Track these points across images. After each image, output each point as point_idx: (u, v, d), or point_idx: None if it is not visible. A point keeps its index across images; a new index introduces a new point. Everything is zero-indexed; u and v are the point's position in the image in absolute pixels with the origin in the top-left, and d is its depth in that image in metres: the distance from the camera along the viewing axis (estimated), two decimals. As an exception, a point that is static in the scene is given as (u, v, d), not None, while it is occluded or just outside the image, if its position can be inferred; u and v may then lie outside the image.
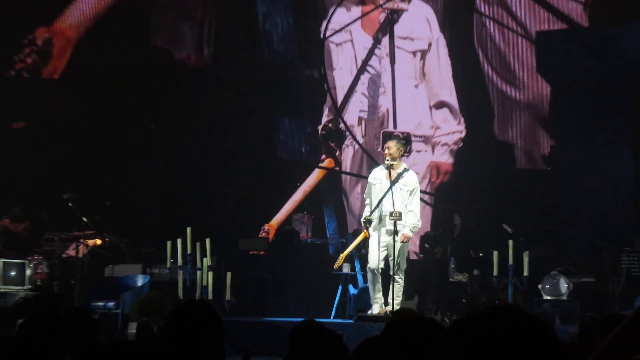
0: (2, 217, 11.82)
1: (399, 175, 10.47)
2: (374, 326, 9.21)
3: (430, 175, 14.04)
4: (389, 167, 10.43)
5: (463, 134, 14.22)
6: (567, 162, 13.82)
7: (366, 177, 11.18)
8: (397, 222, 10.17)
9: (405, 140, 11.81)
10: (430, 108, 14.22)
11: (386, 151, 10.69)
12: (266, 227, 13.61)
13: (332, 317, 11.14)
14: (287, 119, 14.53)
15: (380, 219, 10.39)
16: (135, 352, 3.39)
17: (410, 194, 10.49)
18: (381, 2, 14.04)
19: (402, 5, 13.94)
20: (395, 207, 10.24)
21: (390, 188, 10.36)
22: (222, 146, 14.12)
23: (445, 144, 14.12)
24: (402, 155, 10.86)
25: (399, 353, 2.64)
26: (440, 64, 14.28)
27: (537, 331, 1.65)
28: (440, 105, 14.21)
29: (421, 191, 11.49)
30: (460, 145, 14.18)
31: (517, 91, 14.59)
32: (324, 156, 14.11)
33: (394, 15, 13.87)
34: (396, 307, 9.94)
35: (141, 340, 4.89)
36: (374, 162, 12.97)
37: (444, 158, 14.09)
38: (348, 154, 14.14)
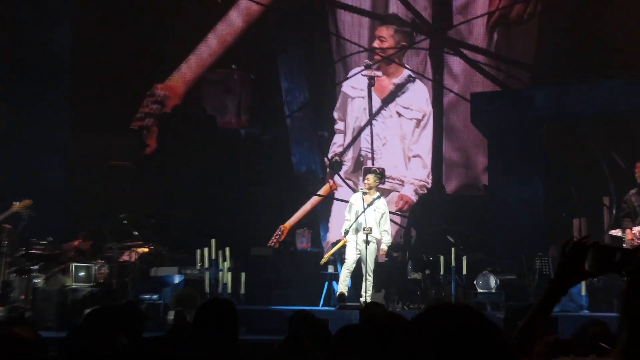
0: (74, 238, 11.78)
1: (373, 200, 10.62)
2: (351, 313, 9.27)
3: (396, 202, 14.09)
4: (364, 194, 10.60)
5: (429, 185, 14.39)
6: (495, 190, 13.88)
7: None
8: (368, 234, 10.31)
9: (381, 175, 11.89)
10: (409, 159, 14.34)
11: (365, 182, 10.90)
12: (282, 227, 13.68)
13: (320, 306, 11.14)
14: (302, 161, 14.65)
15: (357, 230, 10.51)
16: (171, 341, 3.43)
17: (382, 216, 10.68)
18: (361, 70, 14.17)
19: (377, 73, 14.05)
20: (367, 223, 10.39)
21: (365, 209, 10.48)
22: (240, 179, 14.13)
23: (413, 184, 14.23)
24: (377, 185, 10.98)
25: (373, 342, 2.66)
26: (427, 131, 14.43)
27: (481, 323, 1.62)
28: (417, 158, 14.35)
29: (390, 212, 11.64)
30: (425, 192, 14.32)
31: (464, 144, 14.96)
32: (331, 181, 14.17)
33: (372, 80, 13.95)
34: (368, 299, 10.00)
35: (177, 330, 4.88)
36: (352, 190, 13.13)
37: (410, 193, 14.17)
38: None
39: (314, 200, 14.13)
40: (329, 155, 14.32)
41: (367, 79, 13.95)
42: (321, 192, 14.16)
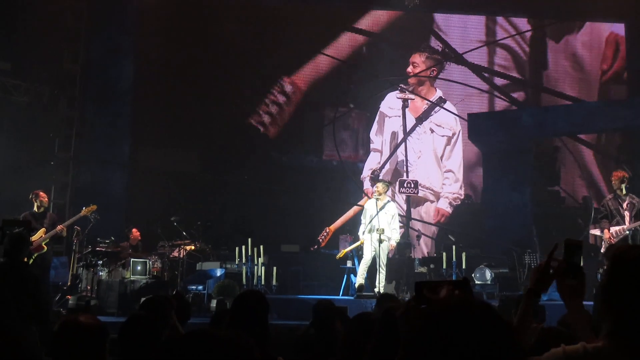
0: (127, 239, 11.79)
1: (384, 205, 10.53)
2: (367, 302, 9.14)
3: (434, 215, 14.11)
4: (377, 199, 10.52)
5: (462, 196, 14.31)
6: (490, 196, 13.71)
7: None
8: (381, 234, 10.22)
9: (390, 183, 11.69)
10: (443, 174, 14.25)
11: (376, 189, 10.77)
12: (327, 229, 13.48)
13: (340, 295, 10.99)
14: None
15: (371, 231, 10.42)
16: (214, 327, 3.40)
17: (392, 217, 10.54)
18: (398, 95, 13.85)
19: (410, 96, 13.84)
20: (380, 224, 10.30)
21: (377, 213, 10.40)
22: (276, 190, 14.05)
23: (447, 198, 14.16)
24: (386, 192, 10.84)
25: (391, 332, 2.59)
26: (457, 148, 14.34)
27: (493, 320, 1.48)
28: (449, 172, 14.26)
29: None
30: (459, 202, 14.24)
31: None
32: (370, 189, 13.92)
33: (406, 102, 13.53)
34: (381, 290, 9.92)
35: (219, 316, 4.81)
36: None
37: (445, 206, 14.14)
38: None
39: (354, 208, 13.82)
40: (366, 173, 14.10)
41: (401, 101, 13.72)
42: (362, 202, 13.89)
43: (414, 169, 13.79)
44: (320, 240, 13.46)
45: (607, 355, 1.79)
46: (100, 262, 10.55)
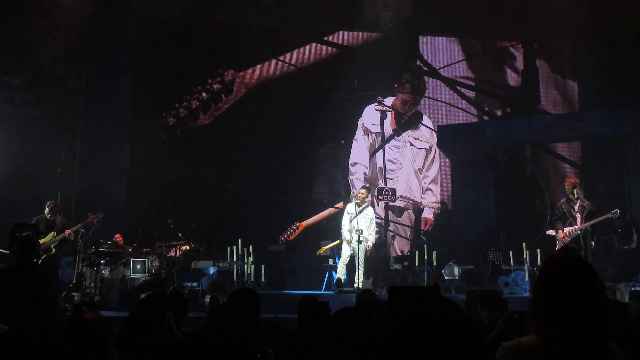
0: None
1: (363, 208, 10.52)
2: (347, 296, 9.14)
3: (422, 224, 14.07)
4: (357, 203, 10.50)
5: (439, 204, 14.24)
6: (458, 200, 13.79)
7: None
8: (360, 235, 10.21)
9: (369, 189, 11.52)
10: (425, 188, 14.21)
11: (358, 195, 10.75)
12: (297, 224, 13.25)
13: (322, 290, 10.98)
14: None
15: (350, 231, 10.39)
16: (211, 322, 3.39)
17: (370, 221, 10.53)
18: (376, 107, 13.72)
19: (387, 109, 13.78)
20: (359, 226, 10.28)
21: (357, 215, 10.40)
22: (265, 196, 14.00)
23: (432, 208, 14.13)
24: (367, 197, 10.77)
25: (364, 323, 2.60)
26: (435, 162, 14.30)
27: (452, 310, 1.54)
28: (432, 184, 14.21)
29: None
30: (439, 212, 14.18)
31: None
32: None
33: (384, 114, 13.35)
34: (360, 285, 9.92)
35: (214, 311, 4.78)
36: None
37: (430, 216, 14.12)
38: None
39: (330, 209, 13.75)
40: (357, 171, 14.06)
41: (379, 113, 13.60)
42: (338, 206, 13.78)
43: (395, 179, 13.73)
44: (289, 234, 13.33)
45: (535, 348, 1.89)
46: (103, 261, 10.48)
